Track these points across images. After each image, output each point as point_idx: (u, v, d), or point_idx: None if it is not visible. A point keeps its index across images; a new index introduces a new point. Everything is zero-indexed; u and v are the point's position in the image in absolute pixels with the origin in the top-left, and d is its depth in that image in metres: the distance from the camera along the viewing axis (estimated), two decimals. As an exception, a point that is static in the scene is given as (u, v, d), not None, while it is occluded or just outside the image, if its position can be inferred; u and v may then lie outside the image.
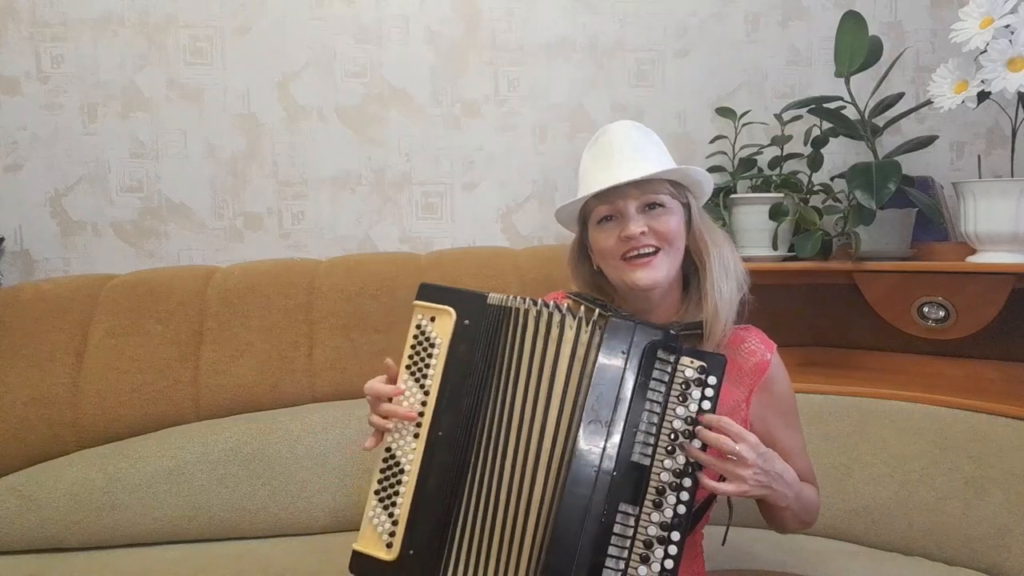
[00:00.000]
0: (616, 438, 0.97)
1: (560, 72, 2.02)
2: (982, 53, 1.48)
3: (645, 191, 1.10)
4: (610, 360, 1.00)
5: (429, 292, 1.08)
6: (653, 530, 0.95)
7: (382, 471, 1.05)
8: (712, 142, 1.97)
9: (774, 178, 1.86)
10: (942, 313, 1.65)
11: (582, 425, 0.98)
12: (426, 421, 1.04)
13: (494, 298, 1.07)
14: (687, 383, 0.99)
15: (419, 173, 2.01)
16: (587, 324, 1.02)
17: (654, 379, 0.99)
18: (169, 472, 1.59)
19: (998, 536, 1.40)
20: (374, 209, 2.01)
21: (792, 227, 1.83)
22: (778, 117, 1.89)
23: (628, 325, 1.01)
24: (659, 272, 1.10)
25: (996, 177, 1.73)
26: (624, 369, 0.99)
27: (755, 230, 1.83)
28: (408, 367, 1.07)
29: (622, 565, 0.94)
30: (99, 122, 1.92)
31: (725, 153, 1.96)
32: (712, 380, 0.99)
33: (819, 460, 1.60)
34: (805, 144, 1.87)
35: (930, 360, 1.82)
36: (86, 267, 1.93)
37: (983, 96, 1.53)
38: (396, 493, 1.04)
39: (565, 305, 1.05)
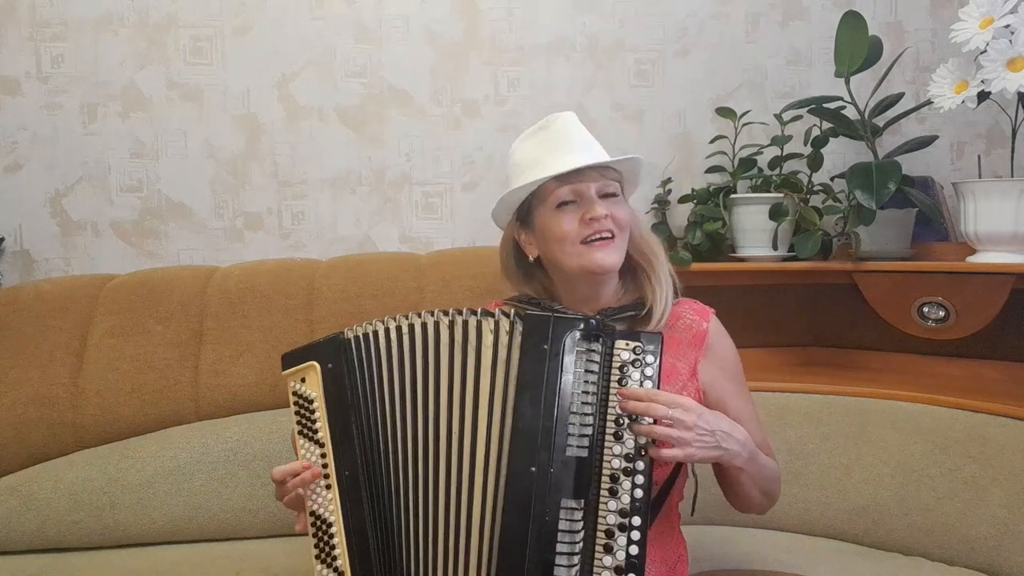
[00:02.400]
0: (549, 435, 0.95)
1: (560, 72, 2.02)
2: (982, 53, 1.48)
3: (606, 178, 1.13)
4: (532, 357, 0.98)
5: (290, 359, 1.10)
6: (612, 518, 0.94)
7: (314, 535, 1.06)
8: (712, 142, 1.97)
9: (774, 178, 1.86)
10: (942, 313, 1.65)
11: (514, 428, 0.97)
12: (331, 469, 1.05)
13: (350, 331, 1.08)
14: (624, 365, 0.98)
15: (419, 173, 2.01)
16: (507, 324, 1.00)
17: (586, 369, 0.98)
18: (169, 472, 1.59)
19: (998, 536, 1.40)
20: (374, 209, 2.01)
21: (792, 227, 1.83)
22: (778, 117, 1.89)
23: (544, 318, 0.99)
24: (617, 255, 1.12)
25: (996, 177, 1.73)
26: (547, 364, 0.97)
27: (755, 230, 1.83)
28: (301, 433, 1.08)
29: (575, 560, 0.93)
30: (99, 122, 1.92)
31: (725, 153, 1.96)
32: (650, 359, 0.98)
33: (819, 460, 1.60)
34: (805, 144, 1.87)
35: (930, 360, 1.82)
36: (86, 267, 1.93)
37: (983, 96, 1.53)
38: (333, 547, 1.04)
39: (479, 310, 1.03)
